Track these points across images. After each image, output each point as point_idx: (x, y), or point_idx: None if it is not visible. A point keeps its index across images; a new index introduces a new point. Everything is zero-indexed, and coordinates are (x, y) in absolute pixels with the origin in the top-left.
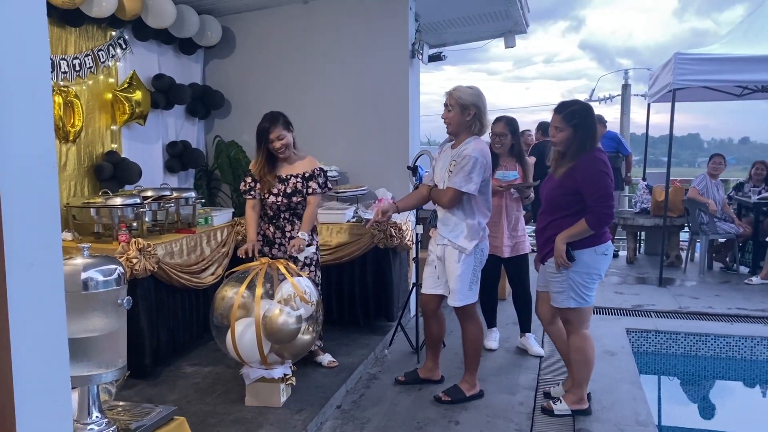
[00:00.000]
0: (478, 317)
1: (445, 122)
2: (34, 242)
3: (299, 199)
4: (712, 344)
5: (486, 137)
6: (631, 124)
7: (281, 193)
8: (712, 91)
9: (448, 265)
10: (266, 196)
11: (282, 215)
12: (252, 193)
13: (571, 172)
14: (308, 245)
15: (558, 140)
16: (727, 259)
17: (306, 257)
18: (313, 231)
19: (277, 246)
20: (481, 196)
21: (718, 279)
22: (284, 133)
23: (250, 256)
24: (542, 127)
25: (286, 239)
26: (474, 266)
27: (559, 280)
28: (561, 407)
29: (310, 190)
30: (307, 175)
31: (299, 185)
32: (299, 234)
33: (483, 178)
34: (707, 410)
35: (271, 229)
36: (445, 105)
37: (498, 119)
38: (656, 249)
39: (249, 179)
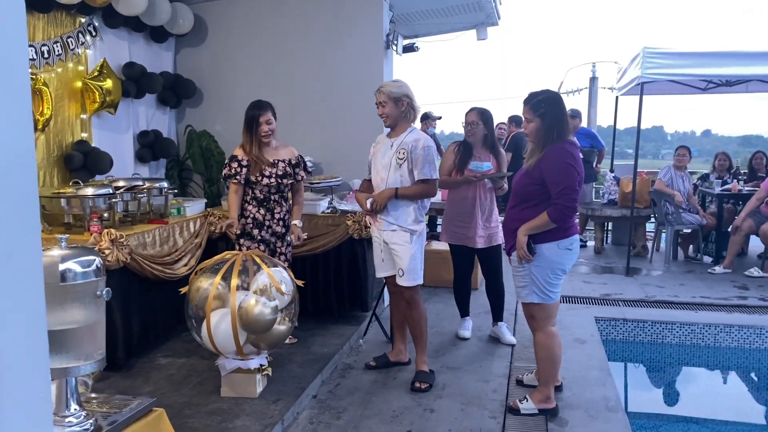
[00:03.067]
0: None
1: (382, 117)
2: (13, 234)
3: (290, 182)
4: (677, 332)
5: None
6: (597, 116)
7: (274, 175)
8: (678, 84)
9: (399, 248)
10: (259, 179)
11: (272, 197)
12: (237, 177)
13: (538, 163)
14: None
15: (529, 131)
16: (691, 249)
17: (287, 246)
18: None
19: (266, 228)
20: None
21: (682, 268)
22: (272, 118)
23: (235, 231)
24: (515, 119)
25: (275, 220)
26: (422, 246)
27: (521, 274)
28: (527, 406)
29: (299, 177)
30: (293, 162)
31: (288, 169)
32: (295, 223)
33: None
34: (673, 395)
35: (262, 211)
36: (378, 103)
37: (471, 109)
38: (623, 239)
39: (235, 164)
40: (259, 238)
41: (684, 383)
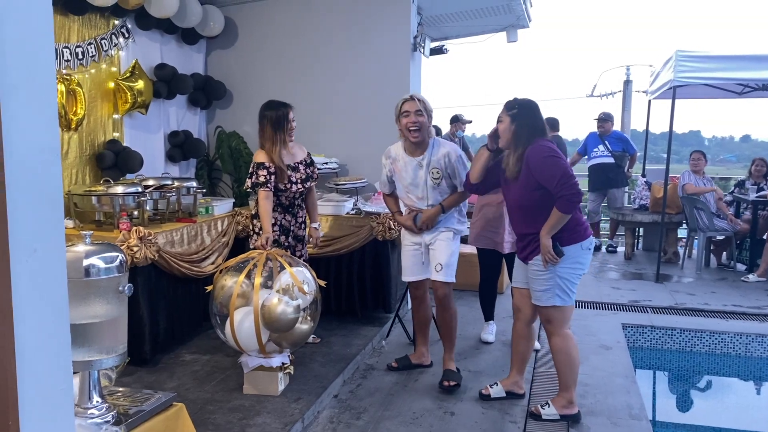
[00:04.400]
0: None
1: (414, 126)
2: (38, 228)
3: (312, 184)
4: (707, 340)
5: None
6: (631, 120)
7: (299, 181)
8: (712, 88)
9: (441, 244)
10: (288, 186)
11: (296, 202)
12: (269, 185)
13: (526, 171)
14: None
15: (500, 131)
16: (724, 256)
17: (304, 247)
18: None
19: (292, 233)
20: None
21: (714, 276)
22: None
23: (267, 248)
24: (550, 122)
25: (297, 224)
26: (458, 247)
27: (544, 278)
28: (549, 412)
29: (315, 176)
30: (307, 161)
31: (308, 171)
32: (315, 226)
33: None
34: (701, 406)
35: (288, 217)
36: (418, 111)
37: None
38: (654, 245)
39: (264, 172)
40: (286, 244)
41: (713, 393)
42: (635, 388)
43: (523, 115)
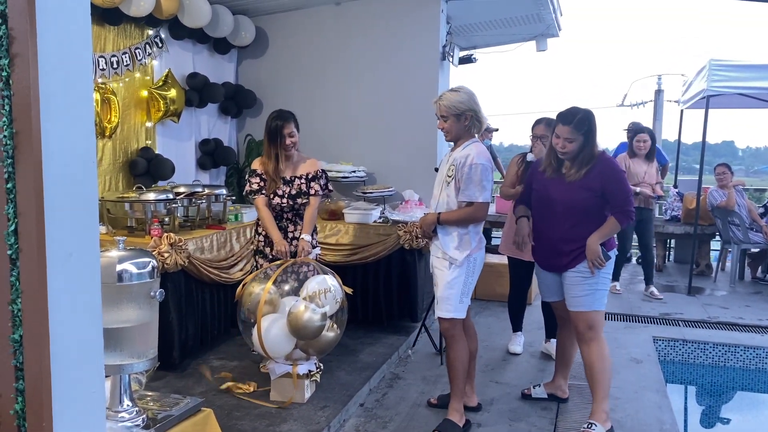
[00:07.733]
0: (464, 336)
1: (443, 131)
2: (74, 234)
3: (303, 201)
4: (741, 355)
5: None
6: (663, 130)
7: (286, 195)
8: (746, 98)
9: (437, 274)
10: (271, 197)
11: (285, 216)
12: (263, 192)
13: (596, 175)
14: (313, 247)
15: (569, 150)
16: (759, 269)
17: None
18: (313, 231)
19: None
20: None
21: (749, 290)
22: (295, 131)
23: (285, 255)
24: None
25: (288, 239)
26: (466, 277)
27: (589, 283)
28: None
29: (312, 191)
30: (310, 176)
31: (303, 187)
32: (303, 237)
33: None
34: (734, 422)
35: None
36: (441, 116)
37: (538, 121)
38: (686, 257)
39: (256, 179)
40: (270, 257)
41: (747, 409)
42: (666, 403)
43: (593, 129)
